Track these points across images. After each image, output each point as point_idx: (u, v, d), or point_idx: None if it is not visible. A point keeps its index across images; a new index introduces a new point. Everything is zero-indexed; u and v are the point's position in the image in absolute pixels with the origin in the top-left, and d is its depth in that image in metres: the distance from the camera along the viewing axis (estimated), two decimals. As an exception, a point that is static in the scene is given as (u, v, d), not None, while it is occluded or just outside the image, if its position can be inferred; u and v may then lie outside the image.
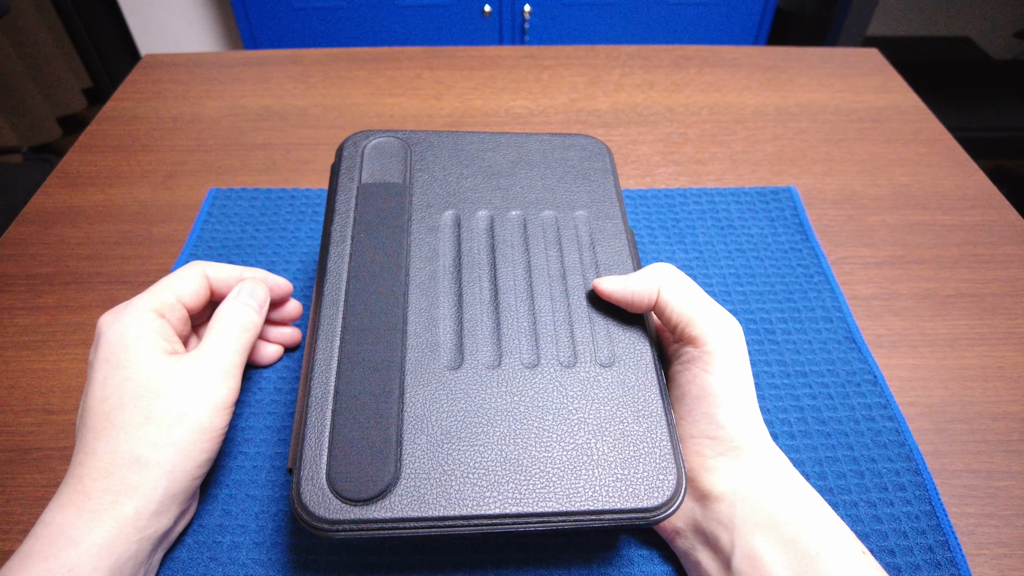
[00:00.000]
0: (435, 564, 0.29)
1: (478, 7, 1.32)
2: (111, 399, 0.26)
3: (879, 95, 0.58)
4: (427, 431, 0.26)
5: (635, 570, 0.29)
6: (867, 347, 0.37)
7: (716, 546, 0.26)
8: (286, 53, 0.64)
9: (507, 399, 0.27)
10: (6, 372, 0.37)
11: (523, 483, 0.25)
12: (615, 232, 0.33)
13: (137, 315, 0.28)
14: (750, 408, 0.27)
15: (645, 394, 0.27)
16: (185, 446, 0.26)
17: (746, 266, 0.42)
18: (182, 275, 0.30)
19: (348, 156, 0.35)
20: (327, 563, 0.28)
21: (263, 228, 0.45)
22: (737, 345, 0.28)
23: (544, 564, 0.29)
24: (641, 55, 0.64)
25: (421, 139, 0.36)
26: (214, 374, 0.27)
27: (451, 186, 0.34)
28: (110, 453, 0.25)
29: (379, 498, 0.24)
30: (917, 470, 0.32)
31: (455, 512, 0.24)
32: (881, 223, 0.46)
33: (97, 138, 0.54)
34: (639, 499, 0.24)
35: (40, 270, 0.43)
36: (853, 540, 0.25)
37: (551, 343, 0.29)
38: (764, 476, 0.26)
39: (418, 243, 0.31)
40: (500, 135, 0.37)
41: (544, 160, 0.36)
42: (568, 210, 0.34)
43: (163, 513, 0.26)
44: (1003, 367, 0.37)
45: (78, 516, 0.24)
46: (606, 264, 0.32)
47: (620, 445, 0.26)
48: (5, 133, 1.49)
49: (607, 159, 0.36)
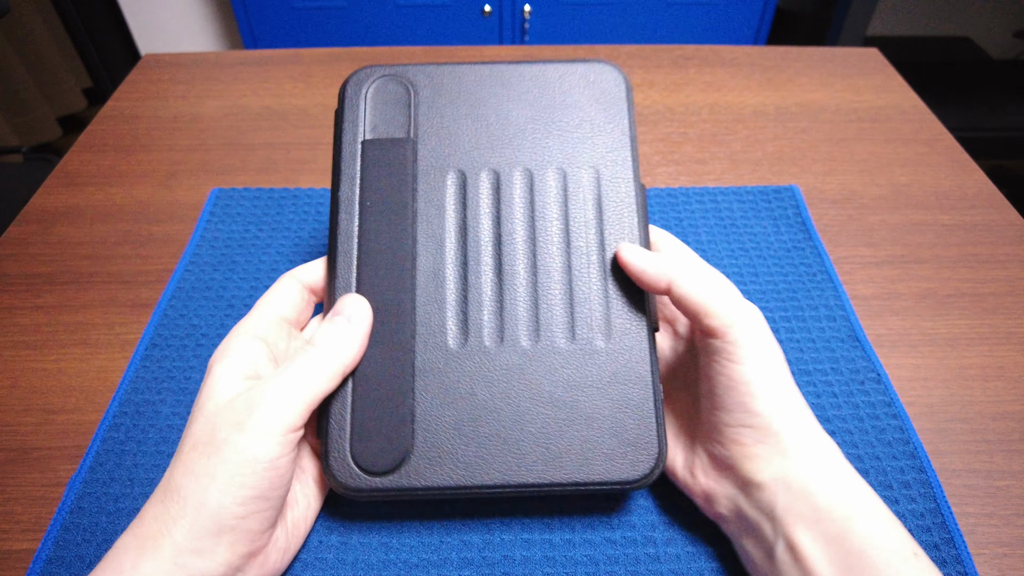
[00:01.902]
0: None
1: (478, 7, 1.32)
2: (187, 428, 0.25)
3: (879, 95, 0.58)
4: (436, 409, 0.28)
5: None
6: (870, 345, 0.37)
7: (759, 535, 0.25)
8: (286, 53, 0.64)
9: (508, 375, 0.29)
10: (6, 372, 0.37)
11: (519, 456, 0.28)
12: (625, 194, 0.32)
13: (235, 341, 0.27)
14: (788, 394, 0.27)
15: (636, 371, 0.29)
16: (220, 477, 0.23)
17: (749, 265, 0.42)
18: (277, 290, 0.29)
19: (350, 102, 0.33)
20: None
21: (266, 228, 0.45)
22: (760, 331, 0.27)
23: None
24: (641, 55, 0.64)
25: (426, 79, 0.34)
26: (270, 399, 0.25)
27: (457, 140, 0.32)
28: (165, 480, 0.24)
29: (393, 471, 0.27)
30: (921, 468, 0.32)
31: (458, 483, 0.27)
32: (881, 223, 0.46)
33: (97, 138, 0.54)
34: (622, 472, 0.27)
35: (40, 270, 0.43)
36: (905, 537, 0.24)
37: (552, 318, 0.30)
38: (809, 465, 0.25)
39: (424, 213, 0.31)
40: (509, 67, 0.34)
41: (556, 101, 0.33)
42: (577, 166, 0.32)
43: (204, 553, 0.23)
44: (1003, 367, 0.37)
45: (132, 541, 0.23)
46: (612, 231, 0.31)
47: (609, 421, 0.28)
48: (5, 133, 1.49)
49: (623, 94, 0.34)
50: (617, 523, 0.30)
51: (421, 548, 0.29)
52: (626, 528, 0.30)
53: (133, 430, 0.33)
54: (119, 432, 0.33)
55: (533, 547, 0.29)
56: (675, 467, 0.29)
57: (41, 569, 0.28)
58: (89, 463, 0.32)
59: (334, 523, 0.30)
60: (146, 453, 0.33)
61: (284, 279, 0.30)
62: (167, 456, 0.32)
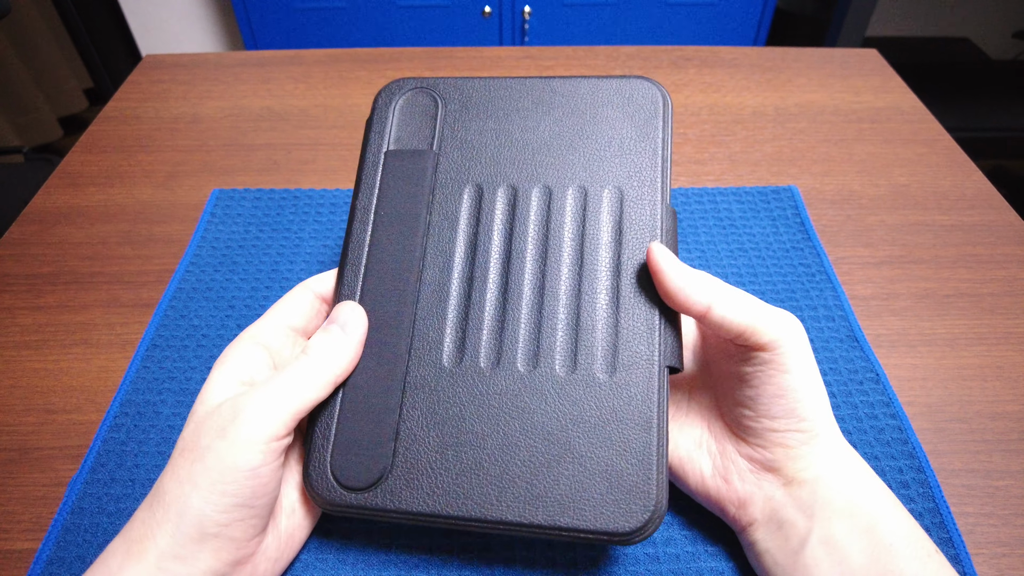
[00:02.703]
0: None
1: (478, 8, 1.33)
2: (182, 432, 0.25)
3: (878, 96, 0.59)
4: (421, 428, 0.27)
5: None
6: (869, 345, 0.37)
7: (790, 532, 0.26)
8: (287, 54, 0.64)
9: (499, 401, 0.27)
10: (7, 372, 0.37)
11: (503, 490, 0.25)
12: (650, 216, 0.29)
13: (237, 346, 0.27)
14: (825, 399, 0.27)
15: (640, 409, 0.26)
16: (201, 485, 0.23)
17: (748, 265, 0.42)
18: (288, 299, 0.29)
19: (380, 112, 0.33)
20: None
21: (267, 229, 0.45)
22: (804, 341, 0.27)
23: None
24: (641, 56, 0.64)
25: (455, 92, 0.33)
26: (254, 407, 0.24)
27: (479, 154, 0.32)
28: (156, 485, 0.24)
29: (369, 489, 0.26)
30: (920, 468, 0.32)
31: (434, 510, 0.25)
32: (880, 223, 0.46)
33: (98, 138, 0.54)
34: (612, 522, 0.24)
35: (41, 270, 0.43)
36: (925, 536, 0.25)
37: (553, 344, 0.28)
38: (840, 463, 0.26)
39: (437, 226, 0.31)
40: (541, 82, 0.33)
41: (586, 118, 0.32)
42: (600, 185, 0.30)
43: (187, 559, 0.23)
44: (1002, 367, 0.37)
45: (121, 545, 0.24)
46: (631, 255, 0.29)
47: (605, 463, 0.25)
48: (6, 133, 1.49)
49: (659, 111, 0.32)
50: None
51: (421, 548, 0.29)
52: None
53: (134, 430, 0.34)
54: (120, 432, 0.33)
55: (533, 546, 0.29)
56: (702, 477, 0.29)
57: (42, 569, 0.28)
58: (90, 463, 0.32)
59: (335, 523, 0.30)
60: (147, 454, 0.33)
61: (298, 288, 0.30)
62: (168, 457, 0.33)
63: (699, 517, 0.30)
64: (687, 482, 0.29)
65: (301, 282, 0.31)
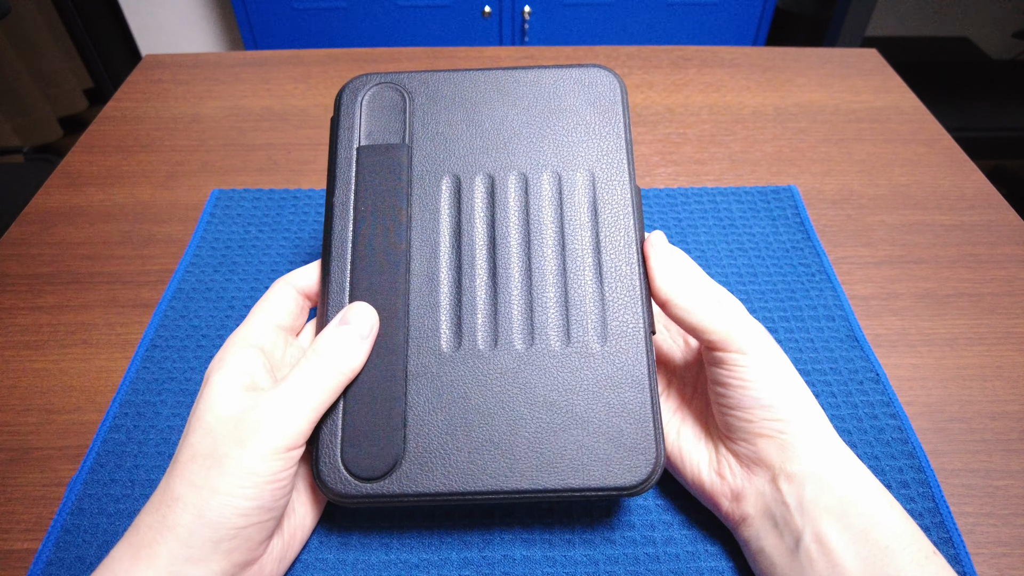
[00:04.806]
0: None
1: (478, 8, 1.33)
2: (185, 438, 0.25)
3: (878, 95, 0.59)
4: (429, 413, 0.28)
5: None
6: (869, 345, 0.37)
7: (785, 527, 0.26)
8: (287, 54, 0.64)
9: (501, 379, 0.28)
10: (7, 372, 0.37)
11: (514, 461, 0.27)
12: (621, 195, 0.31)
13: (232, 350, 0.27)
14: (799, 391, 0.28)
15: (633, 373, 0.28)
16: (221, 489, 0.23)
17: (748, 265, 0.42)
18: (270, 297, 0.29)
19: (346, 109, 0.34)
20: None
21: (266, 229, 0.45)
22: (759, 336, 0.28)
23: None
24: (640, 55, 0.64)
25: (421, 86, 0.34)
26: (273, 416, 0.25)
27: (452, 146, 0.33)
28: (161, 489, 0.24)
29: (385, 477, 0.27)
30: (920, 467, 0.32)
31: (450, 489, 0.27)
32: (880, 223, 0.46)
33: (98, 138, 0.54)
34: (619, 478, 0.27)
35: (41, 270, 0.43)
36: (923, 537, 0.25)
37: (546, 321, 0.29)
38: (832, 461, 0.26)
39: (419, 217, 0.31)
40: (504, 73, 0.34)
41: (551, 106, 0.34)
42: (572, 169, 0.32)
43: (200, 562, 0.23)
44: (1001, 367, 0.37)
45: (127, 550, 0.23)
46: (607, 233, 0.31)
47: (605, 425, 0.27)
48: (6, 133, 1.49)
49: (618, 97, 0.34)
50: (616, 523, 0.30)
51: (421, 547, 0.29)
52: (625, 528, 0.30)
53: (134, 431, 0.34)
54: (120, 433, 0.33)
55: (533, 546, 0.29)
56: (700, 472, 0.29)
57: (42, 570, 0.28)
58: (90, 464, 0.32)
59: (335, 522, 0.30)
60: (147, 454, 0.33)
61: (278, 284, 0.30)
62: (167, 458, 0.33)
63: (699, 517, 0.30)
64: (684, 475, 0.30)
65: (280, 278, 0.30)
